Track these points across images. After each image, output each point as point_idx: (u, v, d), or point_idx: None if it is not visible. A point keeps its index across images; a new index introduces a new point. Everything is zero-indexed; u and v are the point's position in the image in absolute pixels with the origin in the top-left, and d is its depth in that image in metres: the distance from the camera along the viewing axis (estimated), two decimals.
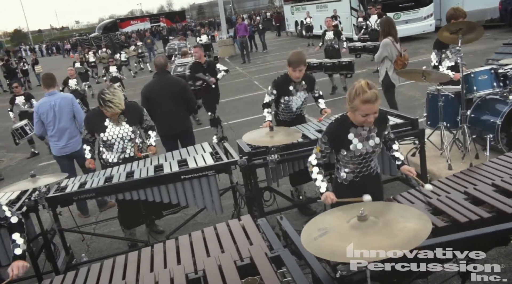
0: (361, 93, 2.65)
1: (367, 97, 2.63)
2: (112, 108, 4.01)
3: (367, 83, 2.68)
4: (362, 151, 2.86)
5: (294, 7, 26.07)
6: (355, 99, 2.68)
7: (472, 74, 5.04)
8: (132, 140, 4.28)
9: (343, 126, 2.85)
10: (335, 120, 2.98)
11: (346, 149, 2.85)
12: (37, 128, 5.46)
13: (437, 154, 5.29)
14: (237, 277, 2.08)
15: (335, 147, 2.92)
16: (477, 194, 2.61)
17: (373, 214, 2.03)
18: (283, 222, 2.64)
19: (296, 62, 4.34)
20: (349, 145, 2.83)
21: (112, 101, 3.98)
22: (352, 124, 2.83)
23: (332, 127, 2.94)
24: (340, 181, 3.00)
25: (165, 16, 60.18)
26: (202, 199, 3.98)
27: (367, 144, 2.85)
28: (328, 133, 2.92)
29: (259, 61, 18.83)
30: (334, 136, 2.88)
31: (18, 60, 21.99)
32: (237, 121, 9.01)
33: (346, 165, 2.95)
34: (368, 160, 2.92)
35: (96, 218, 5.57)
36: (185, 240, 2.60)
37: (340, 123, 2.89)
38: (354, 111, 2.75)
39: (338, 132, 2.86)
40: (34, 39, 71.83)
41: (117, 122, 4.20)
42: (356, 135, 2.83)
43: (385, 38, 6.05)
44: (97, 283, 2.30)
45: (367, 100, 2.64)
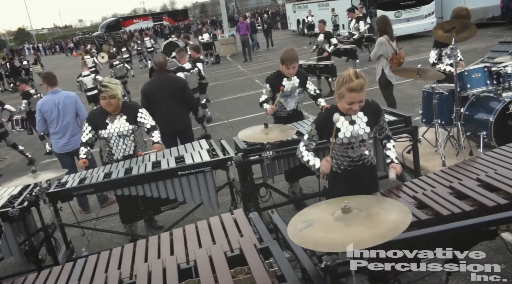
0: (348, 81, 2.76)
1: (353, 86, 2.74)
2: (107, 90, 4.11)
3: (355, 72, 2.78)
4: (351, 139, 2.95)
5: (296, 6, 26.11)
6: (342, 87, 2.79)
7: (466, 72, 5.11)
8: (132, 138, 4.37)
9: (331, 115, 2.90)
10: (325, 109, 3.10)
11: (335, 137, 2.92)
12: (40, 126, 5.57)
13: (431, 151, 5.36)
14: (227, 267, 2.17)
15: (325, 135, 3.02)
16: (461, 188, 2.69)
17: (356, 207, 2.12)
18: (274, 216, 2.74)
19: (290, 60, 4.43)
20: (337, 132, 2.92)
21: (108, 85, 4.11)
22: (341, 113, 2.90)
23: (321, 116, 3.06)
24: (334, 169, 3.08)
25: (167, 14, 60.27)
26: (199, 194, 4.07)
27: (356, 133, 2.94)
28: (316, 121, 3.05)
29: (260, 59, 18.90)
30: (322, 124, 2.98)
31: (21, 59, 22.13)
32: (237, 119, 9.10)
33: (337, 153, 3.04)
34: (358, 148, 2.98)
35: (97, 214, 5.68)
36: (179, 232, 2.69)
37: (329, 112, 2.98)
38: (341, 98, 2.86)
39: (326, 120, 2.93)
40: (38, 38, 72.13)
41: (117, 120, 4.29)
42: (345, 124, 2.94)
43: (381, 36, 6.12)
44: (94, 273, 2.41)
45: (353, 89, 2.75)
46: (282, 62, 4.48)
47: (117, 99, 4.17)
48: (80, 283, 2.34)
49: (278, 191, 4.71)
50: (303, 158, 3.09)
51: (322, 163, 2.93)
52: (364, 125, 2.95)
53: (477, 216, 2.39)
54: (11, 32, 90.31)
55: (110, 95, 4.12)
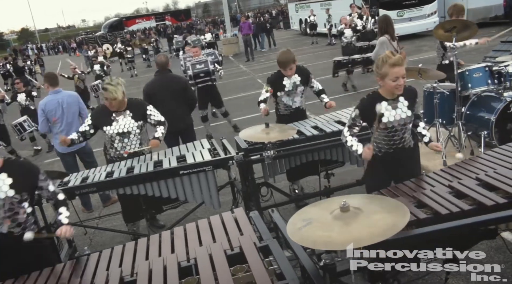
0: (387, 58, 2.91)
1: (394, 60, 2.89)
2: (107, 92, 4.12)
3: (391, 51, 2.96)
4: (394, 123, 3.07)
5: (299, 5, 26.10)
6: (383, 67, 2.93)
7: (467, 72, 5.12)
8: (136, 135, 4.38)
9: (374, 100, 3.05)
10: (366, 95, 3.20)
11: (378, 123, 3.03)
12: (42, 126, 5.58)
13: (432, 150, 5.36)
14: (226, 265, 2.20)
15: (367, 120, 3.13)
16: (460, 187, 2.70)
17: (355, 205, 2.14)
18: (274, 215, 2.76)
19: (285, 63, 4.43)
20: (381, 118, 3.03)
21: (107, 88, 4.10)
22: (383, 98, 3.05)
23: (363, 101, 3.16)
24: (375, 152, 3.17)
25: (170, 14, 60.33)
26: (200, 194, 4.09)
27: (399, 117, 3.06)
28: (359, 107, 3.15)
29: (262, 59, 18.92)
30: (366, 109, 3.09)
31: (24, 59, 22.31)
32: (239, 119, 9.11)
33: (379, 137, 3.14)
34: (401, 132, 3.13)
35: (99, 213, 5.70)
36: (180, 231, 2.72)
37: (371, 97, 3.11)
38: (384, 78, 2.97)
39: (369, 106, 3.04)
40: (41, 37, 72.34)
41: (123, 117, 4.31)
42: (388, 108, 3.04)
43: (382, 36, 6.13)
44: (95, 270, 2.43)
45: (394, 63, 2.89)
46: (279, 66, 4.49)
47: (119, 101, 4.19)
48: (82, 280, 2.37)
49: (279, 190, 4.73)
50: (347, 143, 3.22)
51: (364, 150, 3.06)
52: (406, 109, 3.09)
53: (476, 215, 2.40)
54: (15, 32, 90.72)
55: (110, 98, 4.16)
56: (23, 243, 2.71)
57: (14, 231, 2.76)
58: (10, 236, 2.75)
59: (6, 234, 2.74)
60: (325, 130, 4.28)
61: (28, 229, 2.83)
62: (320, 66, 14.29)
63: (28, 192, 2.82)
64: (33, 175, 2.87)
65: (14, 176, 2.75)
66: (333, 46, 19.11)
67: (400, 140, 3.16)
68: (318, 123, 4.49)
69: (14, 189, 2.73)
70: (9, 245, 2.75)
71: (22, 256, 2.79)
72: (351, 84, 10.37)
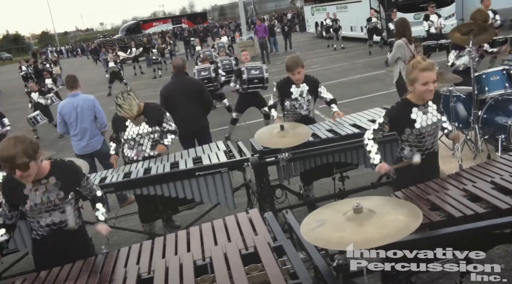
0: (418, 63, 2.94)
1: (425, 65, 2.93)
2: (121, 112, 4.20)
3: (422, 57, 3.00)
4: (427, 128, 3.10)
5: (315, 8, 26.11)
6: (413, 71, 2.97)
7: (484, 75, 5.08)
8: (151, 140, 4.47)
9: (405, 107, 3.10)
10: (396, 103, 3.23)
11: (411, 127, 3.08)
12: (60, 127, 5.78)
13: (449, 154, 5.34)
14: (241, 264, 2.24)
15: (398, 127, 3.16)
16: (475, 191, 2.70)
17: (368, 207, 2.16)
18: (288, 216, 2.79)
19: (293, 66, 4.51)
20: (413, 123, 3.08)
21: (122, 107, 4.16)
22: (414, 104, 3.08)
23: (393, 109, 3.18)
24: (406, 159, 3.19)
25: (187, 17, 60.82)
26: (215, 195, 4.15)
27: (430, 121, 3.10)
28: (389, 114, 3.17)
29: (278, 62, 18.94)
30: (396, 117, 3.13)
31: (44, 62, 22.80)
32: (254, 122, 9.18)
33: (411, 143, 3.16)
34: (432, 136, 3.17)
35: (116, 213, 5.80)
36: (195, 230, 2.77)
37: (402, 104, 3.15)
38: (414, 83, 3.00)
39: (400, 113, 3.10)
40: (60, 41, 73.68)
41: (137, 123, 4.41)
42: (419, 114, 3.08)
43: (399, 39, 6.11)
44: (114, 267, 2.50)
45: (425, 68, 2.93)
46: (287, 69, 4.57)
47: (135, 115, 4.28)
48: (100, 276, 2.44)
49: (293, 192, 4.77)
50: (367, 147, 3.23)
51: (381, 167, 3.11)
52: (435, 112, 3.14)
53: (490, 218, 2.40)
54: (35, 36, 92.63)
55: (128, 116, 4.27)
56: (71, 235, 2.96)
57: (63, 225, 2.94)
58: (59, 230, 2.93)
59: (56, 229, 2.92)
60: (340, 133, 4.30)
61: (74, 222, 2.99)
62: (335, 70, 14.29)
63: (73, 191, 2.98)
64: (77, 175, 3.02)
65: (61, 179, 2.88)
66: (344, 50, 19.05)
67: (432, 145, 3.20)
68: (333, 126, 4.51)
69: (62, 191, 2.89)
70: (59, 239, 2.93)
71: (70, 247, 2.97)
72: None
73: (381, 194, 4.49)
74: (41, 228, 2.91)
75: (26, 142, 2.62)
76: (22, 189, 2.82)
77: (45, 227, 2.90)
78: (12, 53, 67.80)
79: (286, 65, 4.57)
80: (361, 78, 12.04)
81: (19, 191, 2.82)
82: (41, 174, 2.82)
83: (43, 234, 2.93)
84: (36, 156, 2.67)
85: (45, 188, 2.83)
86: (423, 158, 3.15)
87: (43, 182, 2.83)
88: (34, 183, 2.81)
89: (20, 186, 2.81)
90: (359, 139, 3.84)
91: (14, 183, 2.81)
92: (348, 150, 4.24)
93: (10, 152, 2.56)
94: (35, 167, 2.70)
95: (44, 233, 2.92)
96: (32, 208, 2.84)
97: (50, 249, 2.94)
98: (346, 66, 14.80)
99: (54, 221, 2.90)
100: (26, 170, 2.63)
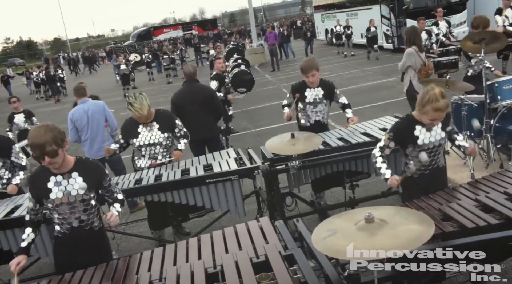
0: (434, 101, 2.90)
1: (440, 106, 2.90)
2: (132, 110, 4.25)
3: (441, 92, 2.93)
4: (429, 145, 3.11)
5: (325, 15, 26.14)
6: (427, 105, 2.94)
7: (496, 84, 5.05)
8: (163, 145, 4.50)
9: (409, 124, 3.12)
10: (401, 118, 3.27)
11: (414, 144, 3.10)
12: (72, 135, 5.74)
13: (460, 163, 5.30)
14: (252, 272, 2.25)
15: (402, 143, 3.18)
16: (487, 201, 2.68)
17: (379, 217, 2.16)
18: (299, 224, 2.80)
19: (307, 68, 4.52)
20: (416, 140, 3.09)
21: (133, 105, 4.21)
22: (418, 122, 3.09)
23: (398, 124, 3.21)
24: (410, 174, 3.18)
25: (197, 24, 61.23)
26: (226, 202, 4.15)
27: (433, 138, 3.10)
28: (394, 130, 3.19)
29: (288, 69, 19.00)
30: (400, 133, 3.15)
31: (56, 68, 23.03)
32: (264, 129, 9.20)
33: (415, 159, 3.16)
34: (436, 153, 3.17)
35: (126, 219, 5.83)
36: (206, 238, 2.79)
37: (406, 121, 3.17)
38: (423, 114, 3.00)
39: (404, 129, 3.13)
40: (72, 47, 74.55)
41: (149, 129, 4.44)
42: (422, 131, 3.09)
43: (409, 47, 6.10)
44: (125, 274, 2.52)
45: (439, 109, 2.91)
46: (302, 72, 4.58)
47: (145, 114, 4.30)
48: (112, 282, 2.46)
49: (304, 200, 4.76)
50: (376, 164, 3.24)
51: (392, 180, 3.09)
52: (439, 130, 3.14)
53: (504, 229, 2.38)
54: (48, 42, 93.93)
55: (137, 115, 4.29)
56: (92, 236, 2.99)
57: (83, 224, 2.97)
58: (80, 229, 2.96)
59: (77, 227, 2.96)
60: (350, 142, 4.29)
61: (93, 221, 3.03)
62: (345, 76, 14.28)
63: (95, 189, 3.02)
64: (100, 174, 3.06)
65: (84, 175, 2.93)
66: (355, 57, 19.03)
67: (436, 161, 3.19)
68: (343, 135, 4.51)
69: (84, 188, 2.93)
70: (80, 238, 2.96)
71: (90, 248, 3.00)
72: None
73: (391, 202, 4.47)
74: (62, 225, 2.95)
75: (55, 130, 2.76)
76: (46, 183, 2.89)
77: (66, 225, 2.94)
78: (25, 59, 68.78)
79: (301, 67, 4.59)
80: (371, 85, 12.03)
81: (43, 185, 2.89)
82: (65, 167, 2.89)
83: (65, 232, 2.96)
84: (63, 145, 2.79)
85: (67, 182, 2.89)
86: (426, 173, 3.17)
87: (65, 176, 2.89)
88: (57, 177, 2.88)
89: (44, 179, 2.89)
90: (370, 148, 3.82)
91: (39, 176, 2.92)
92: (359, 159, 4.22)
93: (41, 139, 2.68)
94: (62, 155, 2.81)
95: (66, 231, 2.96)
96: (55, 202, 2.89)
97: (70, 249, 2.97)
98: (357, 73, 14.79)
99: (76, 217, 2.93)
100: (55, 156, 2.74)
